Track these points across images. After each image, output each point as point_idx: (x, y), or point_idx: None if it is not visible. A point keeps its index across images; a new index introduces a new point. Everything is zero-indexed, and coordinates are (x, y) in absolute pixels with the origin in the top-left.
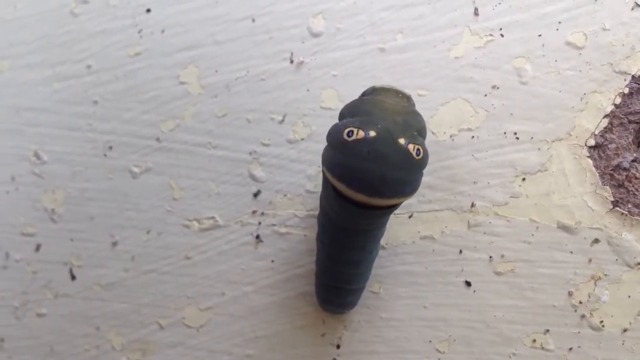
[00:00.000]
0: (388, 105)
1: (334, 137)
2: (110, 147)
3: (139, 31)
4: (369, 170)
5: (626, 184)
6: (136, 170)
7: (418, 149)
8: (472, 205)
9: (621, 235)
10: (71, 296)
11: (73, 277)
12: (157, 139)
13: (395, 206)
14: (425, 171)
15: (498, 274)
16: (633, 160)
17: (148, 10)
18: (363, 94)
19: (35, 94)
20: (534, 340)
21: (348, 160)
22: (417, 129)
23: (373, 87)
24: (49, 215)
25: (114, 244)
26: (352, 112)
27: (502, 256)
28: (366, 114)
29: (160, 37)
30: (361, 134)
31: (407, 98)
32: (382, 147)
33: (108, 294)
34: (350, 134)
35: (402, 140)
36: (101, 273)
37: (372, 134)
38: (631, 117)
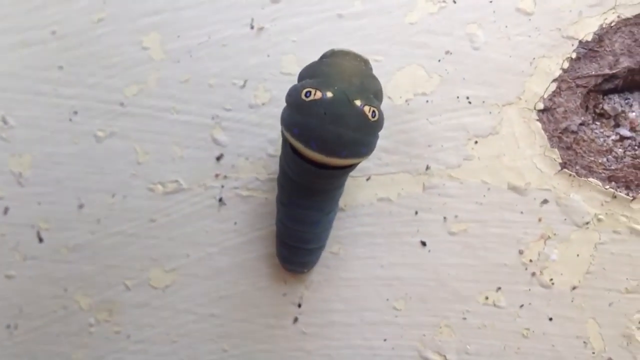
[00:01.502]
0: (346, 67)
1: (293, 98)
2: (76, 112)
3: None
4: (326, 131)
5: (574, 146)
6: (101, 134)
7: (373, 111)
8: (427, 167)
9: (569, 195)
10: (39, 258)
11: (41, 240)
12: (121, 104)
13: (351, 167)
14: (381, 134)
15: (452, 234)
16: (581, 124)
17: None
18: (322, 57)
19: (2, 60)
20: (487, 298)
21: (306, 120)
22: (373, 91)
23: (332, 50)
24: (16, 179)
25: (80, 207)
26: (310, 74)
27: (456, 217)
28: (324, 75)
29: (123, 2)
30: (319, 94)
31: (365, 62)
32: (338, 108)
33: (75, 256)
34: (308, 94)
35: (358, 102)
36: (68, 236)
37: (329, 94)
38: (579, 82)
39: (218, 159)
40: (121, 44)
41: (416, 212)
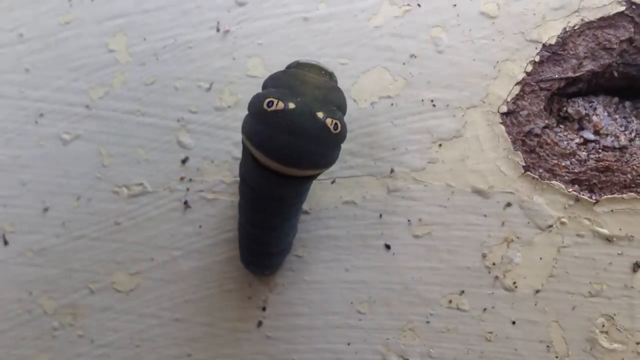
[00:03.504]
0: (310, 79)
1: (255, 107)
2: (41, 115)
3: (69, 0)
4: (286, 141)
5: (537, 149)
6: (66, 137)
7: (336, 124)
8: (392, 170)
9: (532, 199)
10: (4, 262)
11: (6, 243)
12: (87, 107)
13: (310, 177)
14: (347, 137)
15: (416, 237)
16: (544, 127)
17: None
18: (288, 67)
19: None
20: (450, 301)
21: (267, 130)
22: (336, 104)
23: (297, 61)
24: None
25: (45, 210)
26: (274, 84)
27: (420, 220)
28: (287, 86)
29: (89, 5)
30: (280, 105)
31: (330, 75)
32: (300, 120)
33: (40, 259)
34: (270, 104)
35: (320, 114)
36: (33, 239)
37: (291, 106)
38: (542, 85)
39: (183, 161)
40: (87, 47)
41: (380, 215)
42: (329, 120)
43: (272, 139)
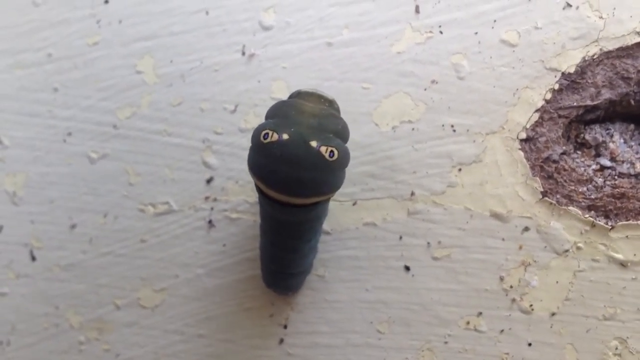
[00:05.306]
0: (307, 108)
1: (254, 139)
2: (70, 133)
3: (98, 21)
4: (284, 172)
5: (555, 175)
6: (94, 156)
7: (331, 151)
8: (412, 193)
9: (550, 224)
10: (32, 276)
11: (33, 258)
12: (114, 126)
13: (318, 203)
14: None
15: (435, 259)
16: (562, 153)
17: (106, 2)
18: (290, 96)
19: None
20: (468, 322)
21: (264, 161)
22: (333, 131)
23: (298, 90)
24: (10, 198)
25: (73, 226)
26: (272, 114)
27: (439, 242)
28: (283, 116)
29: (117, 27)
30: (275, 136)
31: (330, 102)
32: (293, 150)
33: (67, 274)
34: (265, 136)
35: (313, 143)
36: (60, 255)
37: (285, 136)
38: (561, 112)
39: (208, 181)
40: (115, 68)
41: (400, 237)
42: (323, 149)
43: (270, 170)
